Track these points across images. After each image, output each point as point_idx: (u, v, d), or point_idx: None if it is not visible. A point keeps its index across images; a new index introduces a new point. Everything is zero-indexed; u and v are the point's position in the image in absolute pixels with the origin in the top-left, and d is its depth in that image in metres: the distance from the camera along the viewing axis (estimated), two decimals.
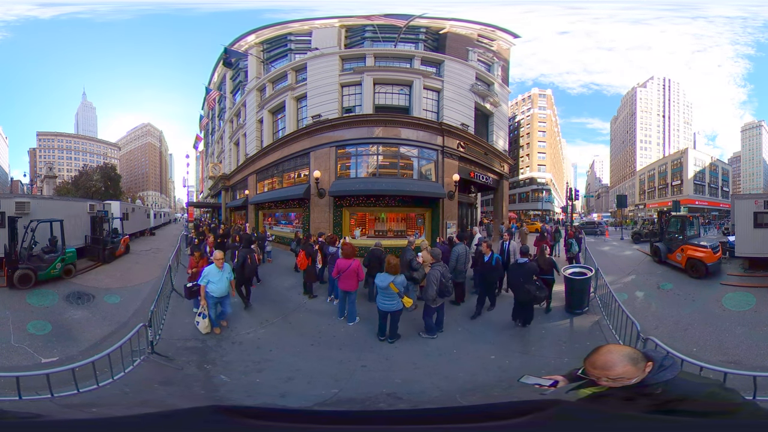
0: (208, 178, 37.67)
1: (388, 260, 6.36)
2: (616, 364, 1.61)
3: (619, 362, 1.61)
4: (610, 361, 1.63)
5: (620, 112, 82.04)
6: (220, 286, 6.56)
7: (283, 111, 19.45)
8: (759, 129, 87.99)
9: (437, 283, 6.24)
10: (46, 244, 10.66)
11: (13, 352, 5.85)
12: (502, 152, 21.34)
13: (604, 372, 1.64)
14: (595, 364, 1.67)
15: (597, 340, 6.45)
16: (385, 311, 6.25)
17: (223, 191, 29.42)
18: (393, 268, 6.23)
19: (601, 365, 1.65)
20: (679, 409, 1.48)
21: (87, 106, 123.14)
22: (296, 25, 19.37)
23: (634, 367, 1.59)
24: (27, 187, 54.24)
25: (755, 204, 10.95)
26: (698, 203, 48.45)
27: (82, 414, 3.17)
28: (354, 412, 3.31)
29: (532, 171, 48.63)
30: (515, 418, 1.55)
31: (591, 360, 1.70)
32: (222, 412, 1.76)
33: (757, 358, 5.64)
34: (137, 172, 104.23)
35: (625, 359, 1.62)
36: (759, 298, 8.28)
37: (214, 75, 30.93)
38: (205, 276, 6.52)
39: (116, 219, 16.42)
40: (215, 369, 5.36)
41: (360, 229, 15.78)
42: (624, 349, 1.69)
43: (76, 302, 8.54)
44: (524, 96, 51.55)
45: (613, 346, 1.74)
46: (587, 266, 8.91)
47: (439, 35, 18.05)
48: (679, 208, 29.18)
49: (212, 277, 6.53)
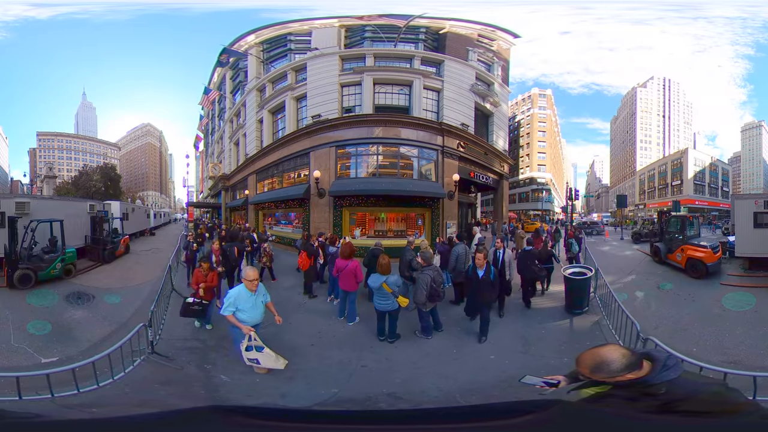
0: (208, 178, 37.70)
1: (379, 260, 6.29)
2: (603, 364, 1.62)
3: (605, 363, 1.62)
4: (596, 361, 1.64)
5: (620, 112, 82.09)
6: (254, 314, 4.93)
7: (283, 111, 19.45)
8: (759, 129, 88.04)
9: (427, 288, 6.16)
10: (46, 244, 10.66)
11: (13, 352, 5.84)
12: (502, 152, 21.34)
13: (589, 372, 1.65)
14: (583, 362, 1.69)
15: (597, 340, 6.44)
16: (382, 311, 6.24)
17: (223, 191, 29.43)
18: (384, 267, 6.18)
19: (587, 364, 1.66)
20: (682, 409, 1.48)
21: (87, 106, 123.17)
22: (296, 25, 19.37)
23: (622, 365, 1.60)
24: (27, 187, 54.26)
25: (755, 204, 10.95)
26: (698, 203, 48.47)
27: (82, 414, 3.18)
28: (354, 412, 3.32)
29: (532, 171, 48.64)
30: (515, 418, 1.55)
31: (580, 358, 1.71)
32: (222, 412, 1.76)
33: (757, 358, 5.63)
34: (137, 172, 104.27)
35: (615, 359, 1.61)
36: (759, 298, 8.28)
37: (213, 75, 30.94)
38: (231, 303, 4.77)
39: (116, 219, 16.43)
40: (215, 369, 5.35)
41: (360, 229, 15.79)
42: (613, 351, 1.67)
43: (76, 302, 8.53)
44: (524, 96, 51.59)
45: (607, 346, 1.71)
46: (587, 266, 8.91)
47: (439, 35, 18.05)
48: (679, 208, 29.20)
49: (243, 304, 4.82)
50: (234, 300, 4.79)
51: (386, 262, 6.26)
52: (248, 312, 4.85)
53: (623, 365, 1.59)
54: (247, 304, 4.84)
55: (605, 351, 1.66)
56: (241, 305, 4.80)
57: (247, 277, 4.91)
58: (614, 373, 1.59)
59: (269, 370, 4.90)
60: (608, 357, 1.62)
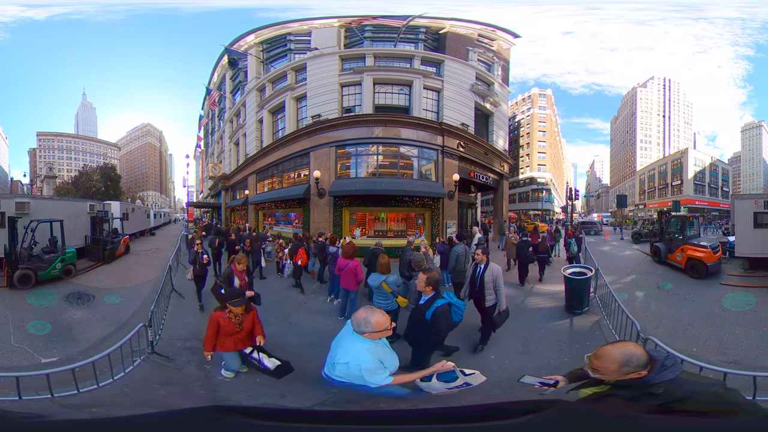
0: (208, 178, 37.67)
1: (379, 259, 6.27)
2: (633, 358, 1.65)
3: (634, 357, 1.65)
4: (626, 356, 1.67)
5: (620, 112, 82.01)
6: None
7: (282, 111, 19.45)
8: (759, 129, 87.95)
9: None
10: (46, 244, 10.66)
11: (13, 352, 5.85)
12: (502, 152, 21.34)
13: (618, 367, 1.67)
14: (610, 358, 1.71)
15: (597, 340, 6.44)
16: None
17: (223, 191, 29.40)
18: (384, 267, 6.16)
19: (617, 359, 1.68)
20: (681, 409, 1.48)
21: (87, 106, 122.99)
22: (296, 25, 19.37)
23: (646, 360, 1.63)
24: (27, 187, 54.25)
25: (755, 204, 10.96)
26: (698, 203, 48.43)
27: (82, 414, 3.17)
28: (354, 412, 3.30)
29: (532, 171, 48.58)
30: (515, 418, 1.55)
31: (604, 355, 1.74)
32: (222, 412, 1.76)
33: (757, 358, 5.63)
34: (137, 173, 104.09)
35: (640, 354, 1.66)
36: (759, 298, 8.28)
37: (213, 75, 30.94)
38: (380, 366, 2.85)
39: (116, 219, 16.42)
40: (215, 369, 5.35)
41: (360, 229, 15.78)
42: (634, 347, 1.73)
43: (76, 302, 8.53)
44: (524, 96, 51.53)
45: (625, 343, 1.78)
46: (587, 266, 8.91)
47: (438, 35, 18.04)
48: (679, 208, 29.18)
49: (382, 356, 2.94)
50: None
51: (386, 261, 6.25)
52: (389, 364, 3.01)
53: (646, 360, 1.62)
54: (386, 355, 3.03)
55: (629, 346, 1.71)
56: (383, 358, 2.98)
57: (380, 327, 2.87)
58: (640, 368, 1.63)
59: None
60: (635, 352, 1.66)
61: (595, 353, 1.77)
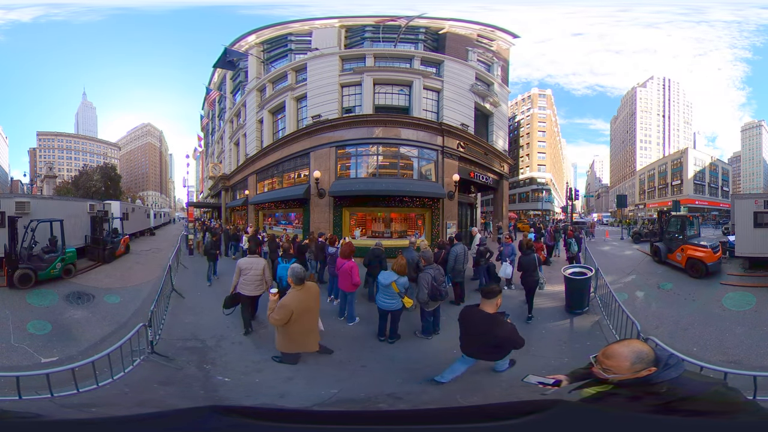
0: (208, 179, 37.68)
1: (398, 260, 6.29)
2: (642, 354, 1.66)
3: (644, 353, 1.66)
4: (637, 354, 1.67)
5: (620, 112, 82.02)
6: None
7: (283, 111, 19.44)
8: (759, 129, 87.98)
9: (428, 287, 6.16)
10: (46, 243, 10.66)
11: (13, 352, 5.84)
12: (502, 152, 21.33)
13: (630, 364, 1.67)
14: (621, 356, 1.71)
15: (597, 340, 6.43)
16: (385, 310, 6.24)
17: (223, 191, 29.40)
18: (401, 268, 6.17)
19: (628, 357, 1.69)
20: (683, 408, 1.48)
21: (87, 106, 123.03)
22: (296, 25, 19.37)
23: (654, 357, 1.64)
24: (27, 187, 54.26)
25: (755, 204, 10.95)
26: (698, 203, 48.47)
27: (82, 414, 3.18)
28: (354, 412, 3.30)
29: (532, 171, 48.60)
30: (516, 418, 1.54)
31: (614, 354, 1.74)
32: (221, 412, 1.75)
33: (757, 358, 5.63)
34: (137, 172, 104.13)
35: (649, 351, 1.67)
36: (759, 298, 8.27)
37: (214, 75, 30.95)
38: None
39: (116, 219, 16.42)
40: (215, 369, 5.35)
41: (360, 229, 15.78)
42: (641, 344, 1.74)
43: (76, 302, 8.53)
44: (524, 96, 51.56)
45: (632, 340, 1.79)
46: (587, 266, 8.90)
47: (438, 35, 18.04)
48: (679, 207, 29.17)
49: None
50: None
51: (403, 262, 6.27)
52: None
53: (654, 356, 1.63)
54: None
55: (636, 344, 1.73)
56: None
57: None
58: (650, 365, 1.63)
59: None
60: (643, 348, 1.68)
61: (604, 353, 1.76)
